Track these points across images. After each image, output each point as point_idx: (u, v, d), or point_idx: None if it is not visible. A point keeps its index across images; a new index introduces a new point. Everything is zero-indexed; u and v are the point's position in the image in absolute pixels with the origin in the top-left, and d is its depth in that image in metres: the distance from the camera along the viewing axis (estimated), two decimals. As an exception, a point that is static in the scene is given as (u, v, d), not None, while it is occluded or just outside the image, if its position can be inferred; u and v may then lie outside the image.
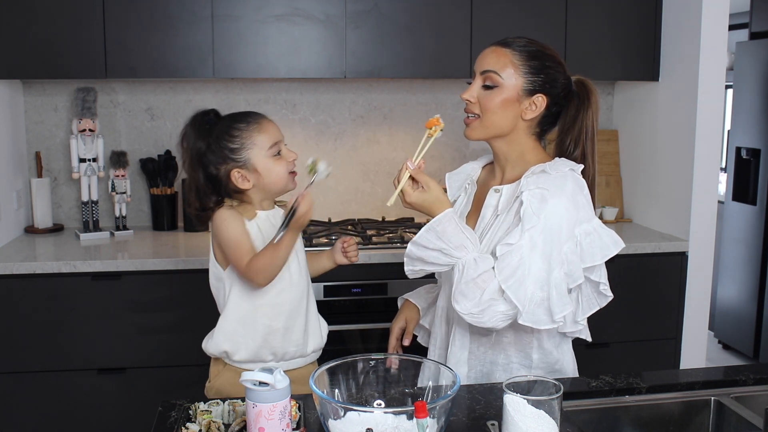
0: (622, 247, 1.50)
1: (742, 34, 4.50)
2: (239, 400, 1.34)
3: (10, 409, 2.51)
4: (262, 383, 1.15)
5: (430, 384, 1.33)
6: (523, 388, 1.20)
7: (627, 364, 2.84)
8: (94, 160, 2.87)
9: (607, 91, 3.37)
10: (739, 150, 4.27)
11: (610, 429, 1.45)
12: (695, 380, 1.51)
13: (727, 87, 4.38)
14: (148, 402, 1.96)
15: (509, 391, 1.16)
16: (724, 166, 4.46)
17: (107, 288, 2.48)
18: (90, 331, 2.50)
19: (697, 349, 2.92)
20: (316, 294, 2.49)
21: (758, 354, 4.17)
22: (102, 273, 2.47)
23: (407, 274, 1.55)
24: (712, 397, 1.49)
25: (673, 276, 2.86)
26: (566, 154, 1.58)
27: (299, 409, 1.33)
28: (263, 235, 1.73)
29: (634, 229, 3.07)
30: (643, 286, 2.85)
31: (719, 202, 3.13)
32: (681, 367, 2.89)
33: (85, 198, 2.88)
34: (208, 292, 1.82)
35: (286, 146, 1.76)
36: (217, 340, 1.76)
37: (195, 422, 1.30)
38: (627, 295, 2.74)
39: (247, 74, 2.74)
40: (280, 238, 1.63)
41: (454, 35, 2.80)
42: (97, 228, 2.90)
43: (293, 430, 1.25)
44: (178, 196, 3.03)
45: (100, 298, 2.49)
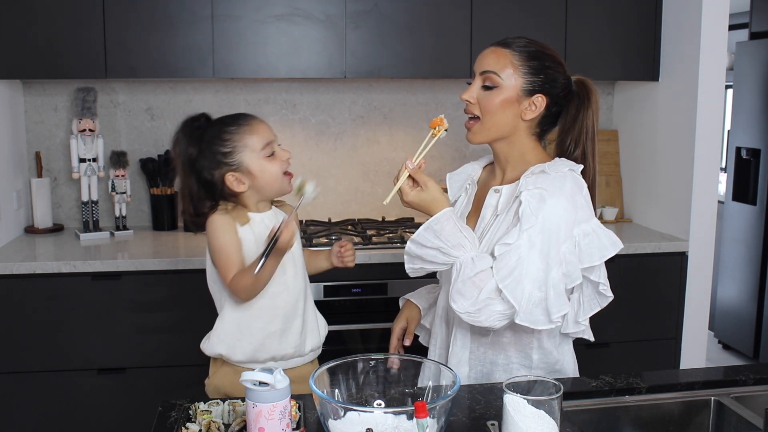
0: (621, 248, 1.50)
1: (742, 34, 4.50)
2: (239, 400, 1.34)
3: (10, 409, 2.51)
4: (262, 383, 1.15)
5: (430, 384, 1.33)
6: (523, 388, 1.20)
7: (627, 364, 2.84)
8: (94, 160, 2.87)
9: (607, 91, 3.37)
10: (739, 150, 4.27)
11: (610, 429, 1.45)
12: (695, 380, 1.51)
13: (727, 87, 4.38)
14: (148, 402, 1.95)
15: (509, 391, 1.16)
16: (724, 166, 4.46)
17: (107, 288, 2.48)
18: (90, 331, 2.50)
19: (697, 349, 2.92)
20: (316, 294, 2.50)
21: (758, 354, 4.17)
22: (102, 273, 2.47)
23: (408, 272, 1.55)
24: (712, 397, 1.49)
25: (673, 276, 2.86)
26: (566, 154, 1.58)
27: (299, 409, 1.33)
28: (256, 239, 1.71)
29: (634, 229, 3.07)
30: (643, 286, 2.85)
31: (719, 202, 3.13)
32: (681, 367, 2.89)
33: (85, 198, 2.88)
34: (207, 292, 1.81)
35: (279, 146, 1.74)
36: (214, 343, 1.76)
37: (195, 422, 1.30)
38: (627, 295, 2.74)
39: (247, 74, 2.74)
40: (261, 267, 1.58)
41: (454, 35, 2.80)
42: (97, 228, 2.90)
43: (293, 430, 1.24)
44: (178, 197, 3.02)
45: (100, 298, 2.49)
